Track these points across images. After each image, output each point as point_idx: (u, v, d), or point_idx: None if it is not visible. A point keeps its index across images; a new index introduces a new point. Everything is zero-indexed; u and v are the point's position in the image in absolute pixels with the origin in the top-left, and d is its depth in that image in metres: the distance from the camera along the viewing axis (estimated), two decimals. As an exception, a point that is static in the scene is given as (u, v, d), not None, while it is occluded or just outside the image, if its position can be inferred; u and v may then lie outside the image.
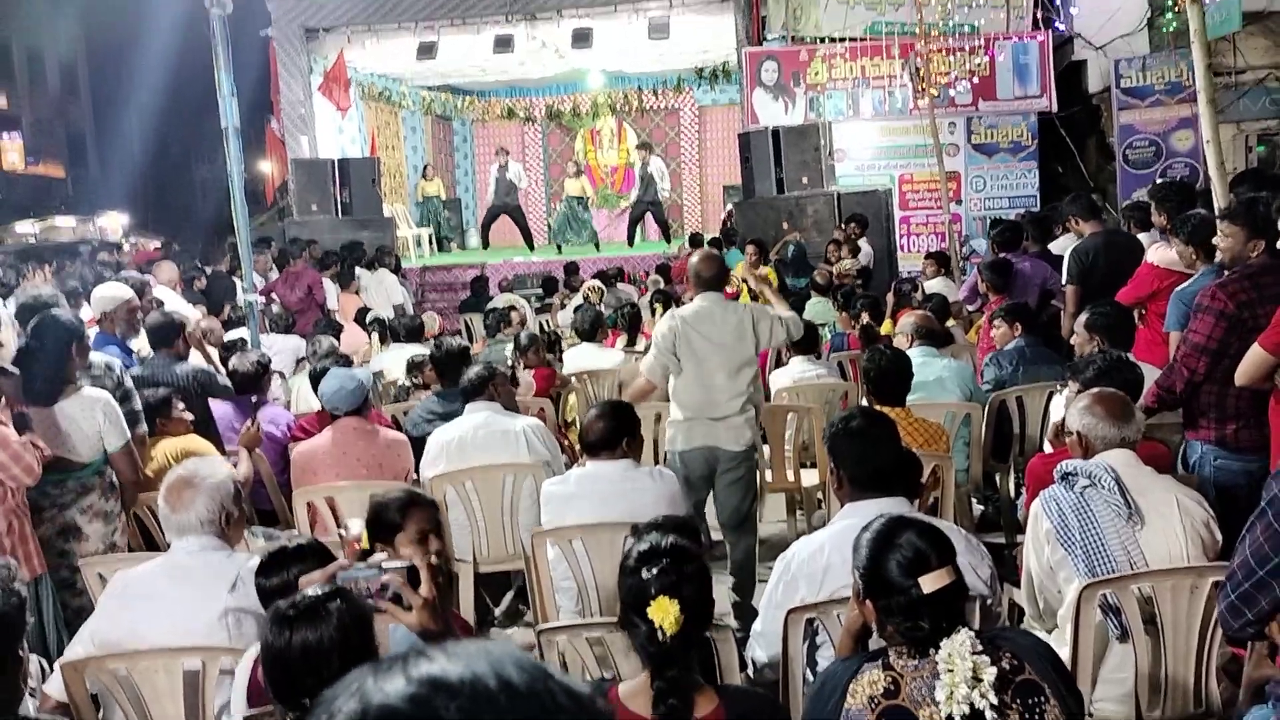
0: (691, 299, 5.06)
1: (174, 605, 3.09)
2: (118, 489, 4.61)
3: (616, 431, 4.00)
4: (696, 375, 4.79)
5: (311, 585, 2.30)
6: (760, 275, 5.57)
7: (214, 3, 6.87)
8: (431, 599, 2.15)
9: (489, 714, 0.59)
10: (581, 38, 14.44)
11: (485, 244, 17.07)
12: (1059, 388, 4.77)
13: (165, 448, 4.70)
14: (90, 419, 4.45)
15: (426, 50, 14.72)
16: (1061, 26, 13.74)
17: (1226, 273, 4.28)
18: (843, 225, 11.59)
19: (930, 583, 2.04)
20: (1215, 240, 4.35)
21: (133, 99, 35.16)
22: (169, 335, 5.59)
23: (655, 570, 2.22)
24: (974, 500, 5.93)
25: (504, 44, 14.57)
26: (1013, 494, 5.84)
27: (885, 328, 7.95)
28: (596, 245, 17.01)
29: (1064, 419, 3.48)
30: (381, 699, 0.60)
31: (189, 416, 4.92)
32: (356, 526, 3.30)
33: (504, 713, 0.59)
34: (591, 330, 7.73)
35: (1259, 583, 1.96)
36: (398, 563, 2.19)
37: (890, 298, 8.88)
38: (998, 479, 6.06)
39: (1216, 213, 4.98)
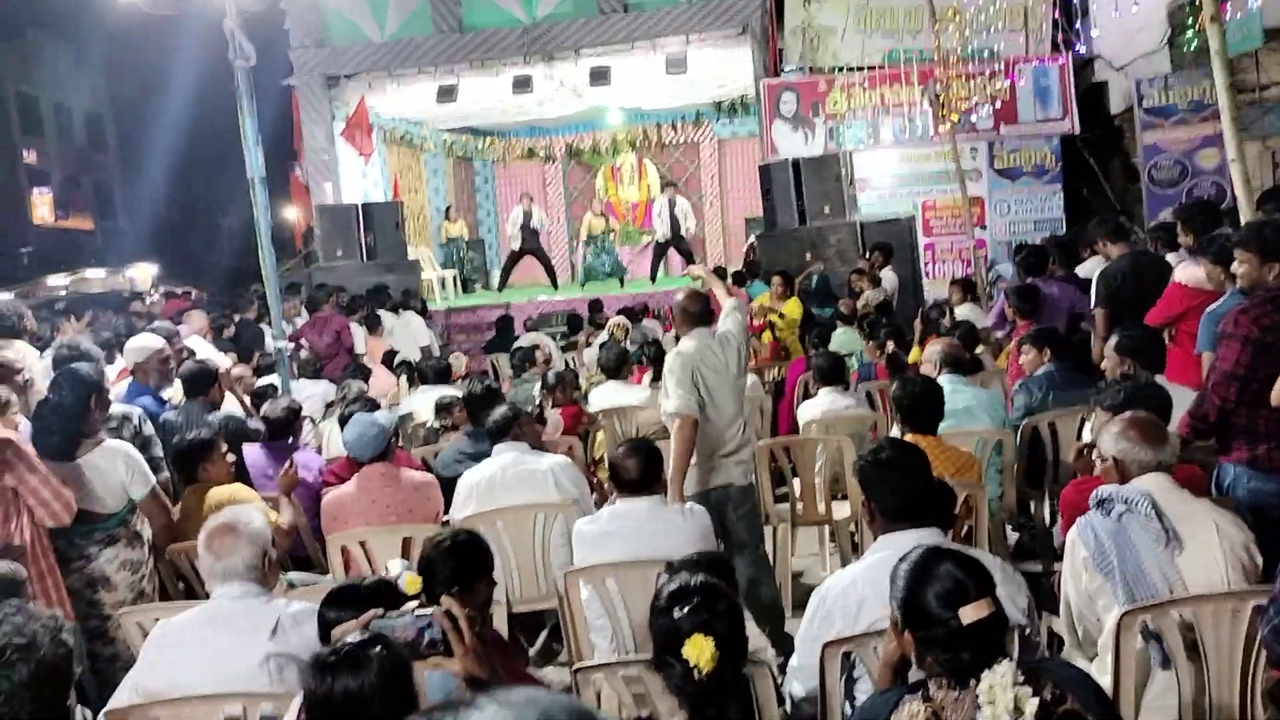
0: (679, 337, 5.09)
1: (215, 652, 3.12)
2: (143, 538, 4.68)
3: (649, 469, 4.02)
4: (711, 412, 4.82)
5: (347, 635, 2.33)
6: (706, 270, 5.66)
7: (238, 55, 7.02)
8: (474, 645, 2.17)
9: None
10: (599, 76, 14.60)
11: (503, 286, 17.18)
12: (1088, 415, 4.76)
13: (215, 496, 4.74)
14: (114, 469, 4.53)
15: (447, 93, 14.92)
16: (1082, 49, 13.76)
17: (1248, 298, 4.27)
18: (866, 255, 11.60)
19: (970, 614, 2.05)
20: (1233, 268, 4.36)
21: (158, 150, 35.78)
22: (204, 384, 5.68)
23: (687, 609, 2.23)
24: (1009, 528, 5.90)
25: (523, 84, 14.75)
26: (1048, 521, 5.80)
27: (914, 355, 7.93)
28: (621, 281, 17.10)
29: (1091, 444, 3.47)
30: None
31: (231, 458, 4.97)
32: (396, 567, 3.34)
33: None
34: (617, 367, 7.77)
35: (1300, 606, 1.96)
36: (429, 609, 2.21)
37: (918, 324, 8.88)
38: (1032, 506, 6.02)
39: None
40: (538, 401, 7.06)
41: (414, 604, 2.52)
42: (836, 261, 12.15)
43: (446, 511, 5.15)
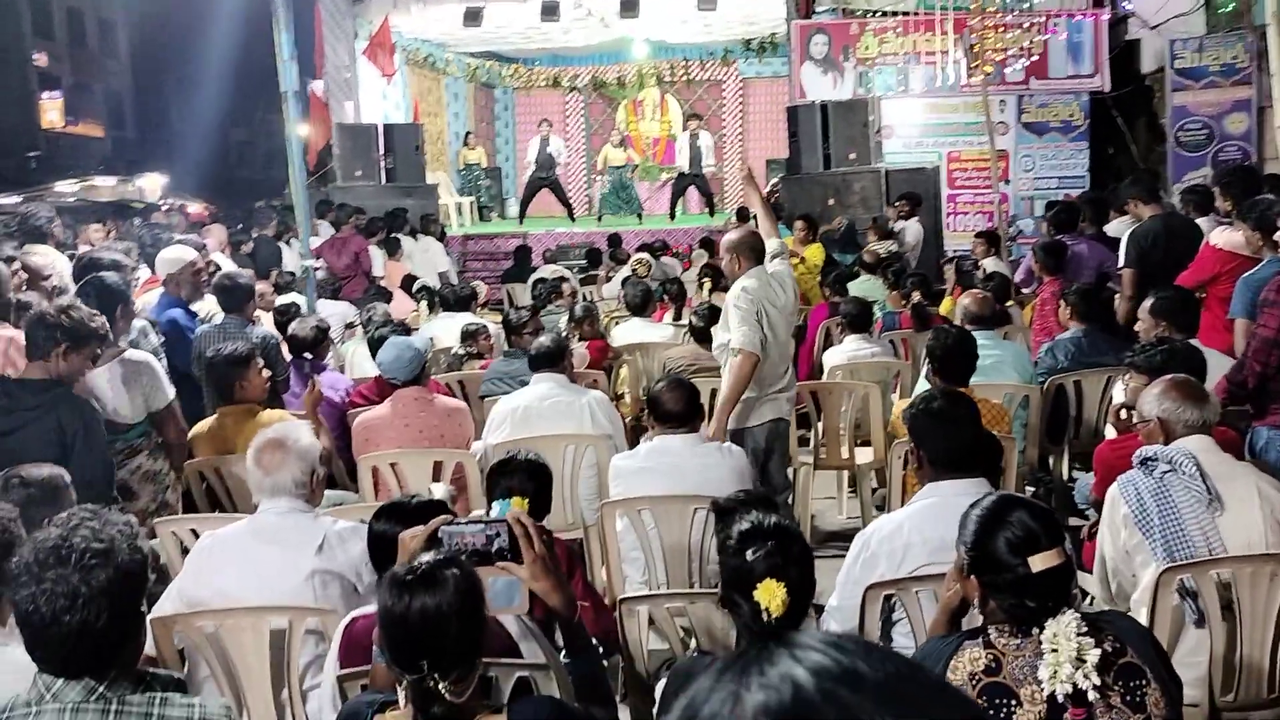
0: (737, 273, 5.05)
1: (262, 566, 3.17)
2: (165, 449, 4.70)
3: (692, 404, 4.05)
4: (772, 349, 4.86)
5: (416, 540, 2.37)
6: (761, 194, 5.62)
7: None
8: (542, 553, 2.21)
9: (889, 698, 0.62)
10: (629, 6, 14.39)
11: (523, 218, 17.09)
12: (1122, 377, 4.77)
13: (267, 418, 4.70)
14: (135, 380, 4.52)
15: (472, 17, 14.72)
16: (1125, 4, 13.55)
17: None
18: (894, 203, 11.53)
19: (1040, 562, 2.08)
20: (1277, 236, 4.36)
21: (172, 60, 35.38)
22: (241, 299, 5.68)
23: (760, 552, 2.26)
24: (1026, 483, 5.95)
25: (550, 11, 14.54)
26: (1065, 476, 5.85)
27: (945, 306, 7.92)
28: (640, 217, 17.01)
29: (1132, 406, 3.48)
30: (789, 696, 0.62)
31: (267, 374, 4.97)
32: (440, 490, 3.38)
33: (900, 696, 0.62)
34: (643, 304, 7.77)
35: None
36: (497, 519, 2.25)
37: (951, 274, 8.85)
38: (1051, 461, 6.06)
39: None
40: (564, 334, 7.08)
41: (481, 512, 2.56)
42: (860, 209, 12.09)
43: (478, 436, 5.19)
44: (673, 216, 16.69)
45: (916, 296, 7.84)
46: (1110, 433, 4.59)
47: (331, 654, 2.81)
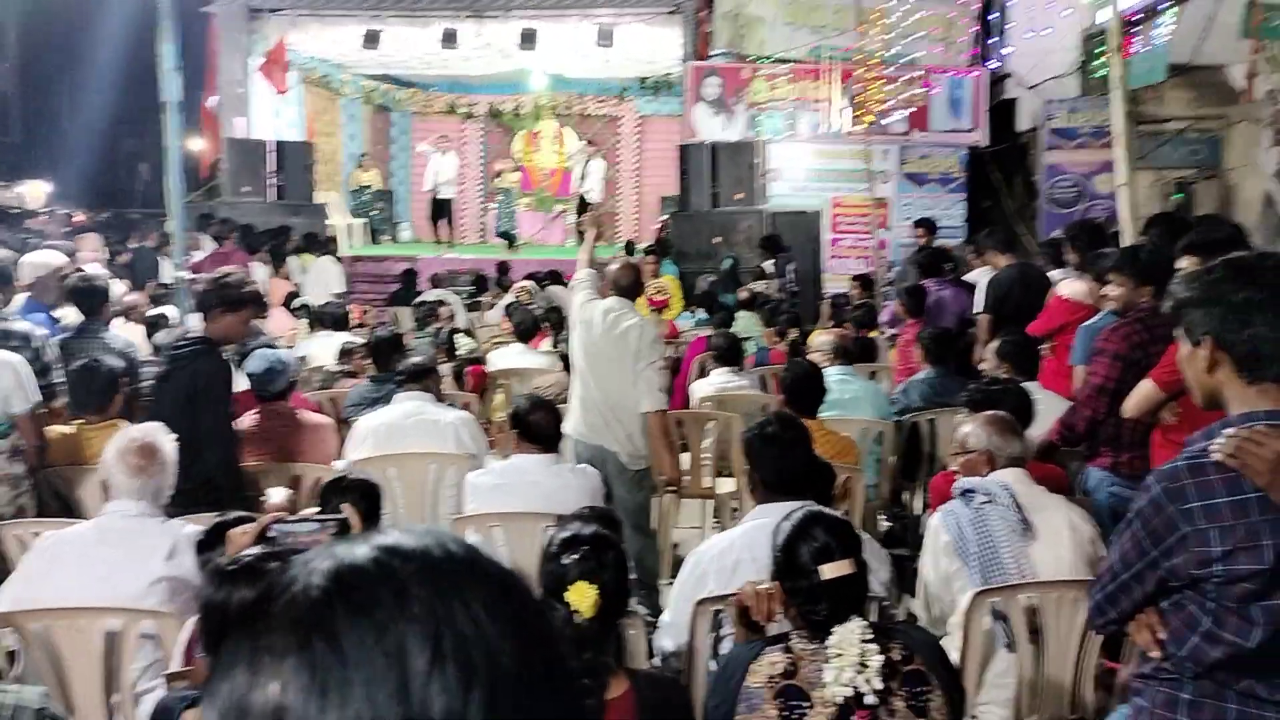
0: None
1: (106, 568, 3.13)
2: (23, 453, 4.60)
3: (551, 424, 4.15)
4: (578, 371, 5.14)
5: (246, 536, 2.40)
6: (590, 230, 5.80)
7: (161, -25, 6.87)
8: None
9: (437, 574, 0.72)
10: (528, 39, 14.56)
11: (451, 242, 17.11)
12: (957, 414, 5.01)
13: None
14: (1, 381, 4.44)
15: (371, 39, 14.72)
16: (996, 65, 14.19)
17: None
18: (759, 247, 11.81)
19: (831, 571, 2.22)
20: (1106, 290, 4.63)
21: (65, 65, 34.29)
22: (97, 302, 5.57)
23: (576, 556, 2.35)
24: (881, 517, 6.16)
25: (450, 39, 14.62)
26: (919, 512, 6.07)
27: (813, 337, 8.16)
28: (511, 242, 17.05)
29: (961, 439, 3.69)
30: (350, 559, 0.72)
31: (118, 407, 4.88)
32: (277, 495, 3.40)
33: (448, 574, 0.72)
34: (531, 331, 7.86)
35: (1123, 585, 2.16)
36: (331, 517, 2.30)
37: (827, 309, 9.12)
38: (905, 497, 6.29)
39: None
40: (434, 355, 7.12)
41: (312, 511, 2.60)
42: (745, 248, 12.39)
43: (339, 455, 5.19)
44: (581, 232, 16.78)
45: (794, 333, 8.08)
46: (954, 466, 4.82)
47: (176, 656, 2.81)
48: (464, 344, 7.57)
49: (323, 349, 7.79)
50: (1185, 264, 4.19)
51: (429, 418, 5.06)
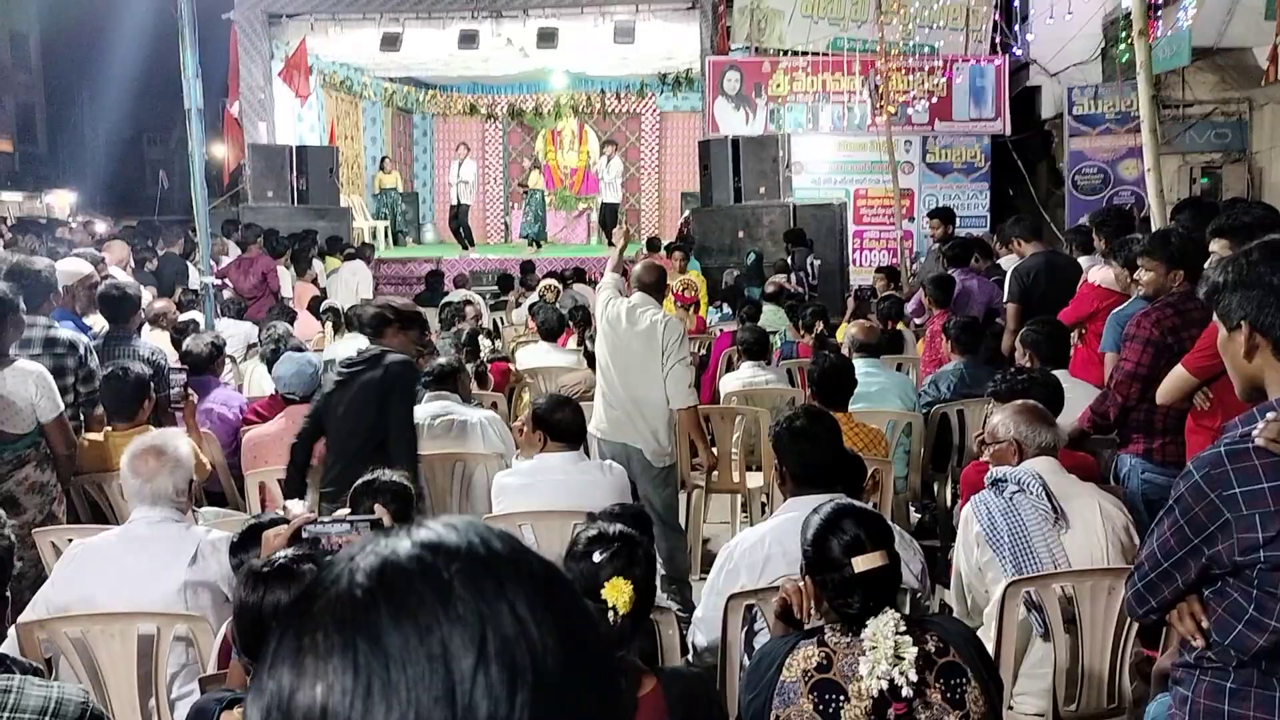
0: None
1: (132, 574, 3.16)
2: (52, 461, 4.64)
3: (581, 424, 4.16)
4: (603, 366, 5.19)
5: (280, 538, 2.40)
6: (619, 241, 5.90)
7: (181, -17, 6.90)
8: None
9: (480, 573, 0.71)
10: (547, 37, 14.56)
11: (470, 244, 17.16)
12: (985, 404, 4.97)
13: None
14: (24, 391, 4.45)
15: (390, 42, 14.75)
16: (1019, 52, 14.08)
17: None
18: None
19: (863, 563, 2.20)
20: (1137, 275, 4.59)
21: (86, 75, 34.68)
22: (127, 310, 5.61)
23: (608, 554, 2.34)
24: (912, 508, 6.13)
25: (469, 39, 14.64)
26: (949, 503, 6.03)
27: (841, 330, 8.13)
28: (538, 243, 17.09)
29: (990, 429, 3.66)
30: (394, 557, 0.71)
31: (147, 413, 4.92)
32: (298, 506, 3.40)
33: (492, 572, 0.71)
34: (556, 329, 7.86)
35: (1163, 573, 2.13)
36: (364, 517, 2.30)
37: (851, 303, 9.07)
38: (935, 488, 6.26)
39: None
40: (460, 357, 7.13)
41: (345, 511, 2.60)
42: (768, 242, 12.35)
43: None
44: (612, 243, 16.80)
45: (819, 327, 8.03)
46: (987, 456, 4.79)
47: (210, 659, 2.83)
48: (485, 345, 7.56)
49: (350, 352, 7.80)
50: (1216, 248, 4.14)
51: (456, 417, 5.07)
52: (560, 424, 4.16)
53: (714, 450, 6.18)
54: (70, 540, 3.87)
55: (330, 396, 4.50)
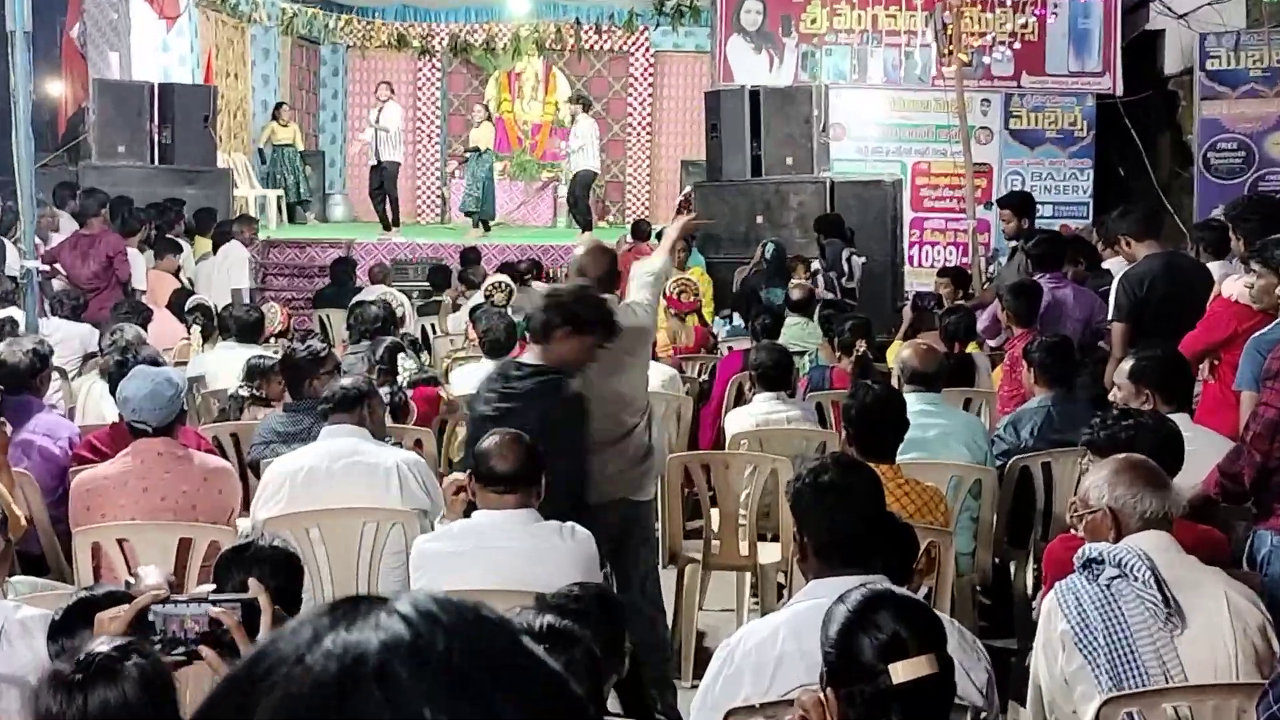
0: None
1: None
2: None
3: (532, 465, 4.13)
4: (591, 388, 5.13)
5: (117, 621, 2.39)
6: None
7: None
8: None
9: (452, 684, 0.75)
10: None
11: (395, 222, 17.09)
12: (1079, 458, 4.97)
13: None
14: None
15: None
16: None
17: None
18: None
19: (904, 671, 2.20)
20: (1245, 281, 4.59)
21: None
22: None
23: None
24: (979, 596, 6.14)
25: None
26: (1029, 589, 6.04)
27: (891, 352, 8.13)
28: (485, 225, 17.15)
29: (1083, 492, 3.68)
30: (336, 666, 0.76)
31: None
32: (153, 576, 3.39)
33: (466, 681, 0.75)
34: (505, 343, 7.85)
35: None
36: (233, 596, 2.29)
37: (907, 314, 9.09)
38: (1012, 569, 6.27)
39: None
40: (373, 378, 7.12)
41: (209, 587, 2.60)
42: (797, 230, 12.39)
43: (246, 508, 5.19)
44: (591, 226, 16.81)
45: (861, 347, 8.04)
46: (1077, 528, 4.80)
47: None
48: (406, 365, 7.52)
49: (223, 366, 7.80)
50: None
51: (365, 460, 5.06)
52: (489, 464, 4.15)
53: (715, 511, 6.20)
54: None
55: (483, 422, 4.63)
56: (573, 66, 20.27)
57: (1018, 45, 13.24)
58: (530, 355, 4.90)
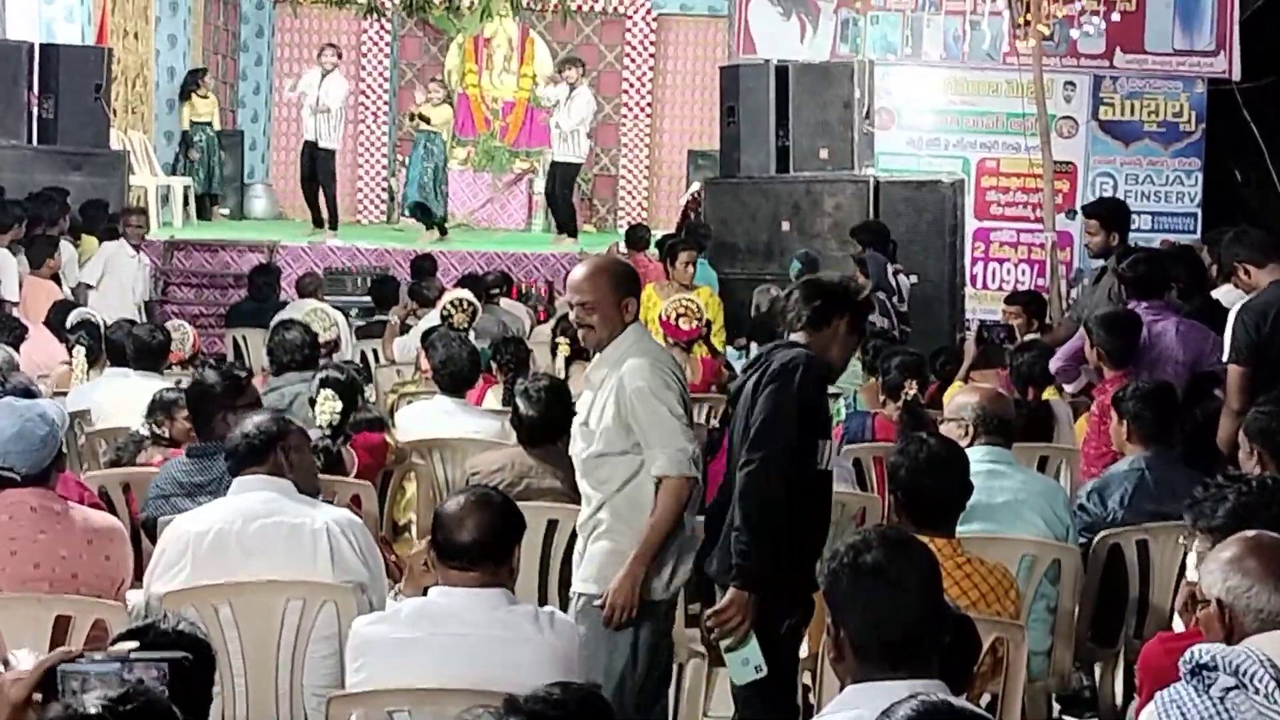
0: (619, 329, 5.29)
1: None
2: None
3: (501, 535, 4.11)
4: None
5: (19, 686, 2.39)
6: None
7: None
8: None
9: None
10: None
11: (331, 222, 17.00)
12: (1185, 536, 4.95)
13: None
14: None
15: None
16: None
17: None
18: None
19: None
20: None
21: None
22: None
23: None
24: (1057, 705, 6.13)
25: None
26: (1119, 698, 6.03)
27: (950, 395, 8.11)
28: (441, 227, 17.15)
29: (1189, 580, 3.67)
30: None
31: None
32: (27, 662, 3.38)
33: None
34: (465, 376, 7.84)
35: None
36: (158, 655, 2.29)
37: (970, 348, 9.09)
38: (1099, 673, 6.26)
39: None
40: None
41: (131, 645, 2.60)
42: (832, 238, 12.40)
43: (139, 578, 5.16)
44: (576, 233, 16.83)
45: (911, 388, 8.02)
46: (1179, 625, 4.79)
47: None
48: (326, 406, 7.27)
49: (116, 398, 7.79)
50: None
51: (286, 520, 5.03)
52: (448, 534, 4.14)
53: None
54: None
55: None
56: (555, 31, 20.30)
57: (1114, 16, 13.28)
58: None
